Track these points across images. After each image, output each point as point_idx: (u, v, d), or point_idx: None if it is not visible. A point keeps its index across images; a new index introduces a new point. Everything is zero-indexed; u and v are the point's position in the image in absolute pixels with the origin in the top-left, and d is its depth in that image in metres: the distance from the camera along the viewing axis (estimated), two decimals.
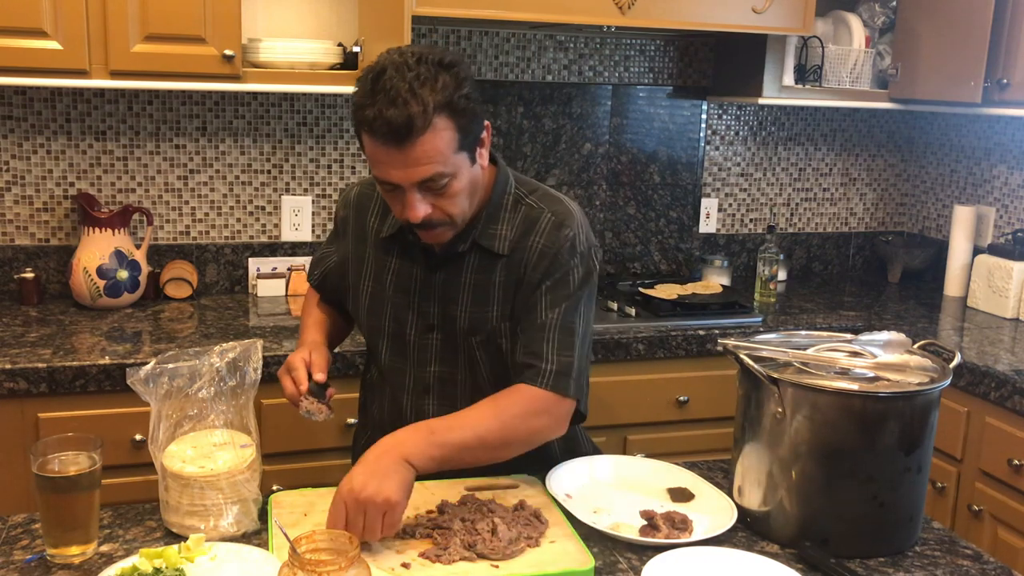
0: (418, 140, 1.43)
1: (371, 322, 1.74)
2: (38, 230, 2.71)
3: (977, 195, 3.28)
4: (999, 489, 2.33)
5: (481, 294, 1.65)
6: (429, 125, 1.43)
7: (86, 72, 2.35)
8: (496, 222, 1.64)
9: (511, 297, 1.64)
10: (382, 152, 1.46)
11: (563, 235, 1.62)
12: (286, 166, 2.89)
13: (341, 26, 2.81)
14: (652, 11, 2.57)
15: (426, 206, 1.51)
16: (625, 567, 1.41)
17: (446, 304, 1.67)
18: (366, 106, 1.45)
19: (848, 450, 1.45)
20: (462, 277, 1.66)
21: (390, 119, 1.42)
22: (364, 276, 1.74)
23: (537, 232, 1.63)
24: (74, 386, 2.16)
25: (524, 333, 1.61)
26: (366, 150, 1.50)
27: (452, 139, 1.47)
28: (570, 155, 3.14)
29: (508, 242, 1.64)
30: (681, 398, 2.66)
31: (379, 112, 1.42)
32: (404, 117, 1.41)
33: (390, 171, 1.48)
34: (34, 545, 1.40)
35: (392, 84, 1.43)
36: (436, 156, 1.46)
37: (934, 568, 1.44)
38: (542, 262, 1.61)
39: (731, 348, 1.56)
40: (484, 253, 1.65)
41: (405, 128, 1.42)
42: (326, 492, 1.56)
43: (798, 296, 3.16)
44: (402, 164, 1.46)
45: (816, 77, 3.01)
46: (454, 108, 1.45)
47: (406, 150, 1.44)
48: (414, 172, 1.47)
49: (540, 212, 1.65)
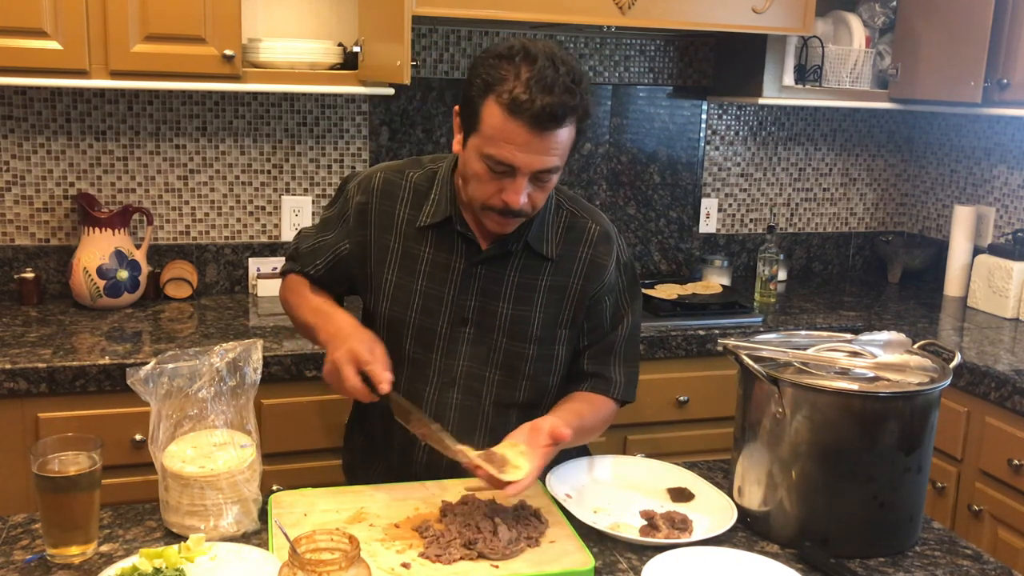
0: (558, 131, 1.49)
1: (394, 312, 1.71)
2: (38, 230, 2.71)
3: (977, 195, 3.28)
4: (999, 489, 2.33)
5: (525, 293, 1.68)
6: (572, 120, 1.50)
7: (86, 72, 2.35)
8: (543, 225, 1.69)
9: (557, 303, 1.70)
10: (519, 133, 1.47)
11: (612, 248, 1.73)
12: (286, 166, 2.89)
13: (341, 26, 2.81)
14: (652, 11, 2.57)
15: (526, 194, 1.54)
16: (625, 567, 1.41)
17: (486, 300, 1.68)
18: (513, 84, 1.46)
19: (848, 450, 1.45)
20: (506, 274, 1.68)
21: (546, 105, 1.45)
22: (389, 265, 1.71)
23: (585, 243, 1.71)
24: (74, 386, 2.16)
25: (592, 345, 1.74)
26: (490, 125, 1.49)
27: (572, 138, 1.54)
28: (570, 155, 3.13)
29: (555, 247, 1.69)
30: (681, 398, 2.66)
31: (533, 96, 1.45)
32: (559, 107, 1.46)
33: (516, 153, 1.49)
34: (34, 545, 1.40)
35: (548, 73, 1.46)
36: (562, 150, 1.52)
37: (934, 568, 1.44)
38: (596, 275, 1.70)
39: (731, 348, 1.56)
40: (531, 255, 1.68)
41: (558, 118, 1.47)
42: (326, 492, 1.56)
43: (798, 296, 3.16)
44: (534, 150, 1.49)
45: (816, 77, 3.01)
46: (586, 112, 1.53)
47: (545, 137, 1.48)
48: (540, 160, 1.50)
49: (585, 223, 1.73)
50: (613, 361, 1.74)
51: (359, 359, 1.51)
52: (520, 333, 1.69)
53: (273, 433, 2.27)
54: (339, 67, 2.62)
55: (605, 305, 1.72)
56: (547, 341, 1.70)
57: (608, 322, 1.73)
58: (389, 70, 2.37)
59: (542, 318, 1.69)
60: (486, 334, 1.69)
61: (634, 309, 1.77)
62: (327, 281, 1.81)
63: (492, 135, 1.49)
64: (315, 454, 2.37)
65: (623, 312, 1.75)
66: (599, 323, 1.73)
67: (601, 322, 1.73)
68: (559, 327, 1.71)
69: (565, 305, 1.70)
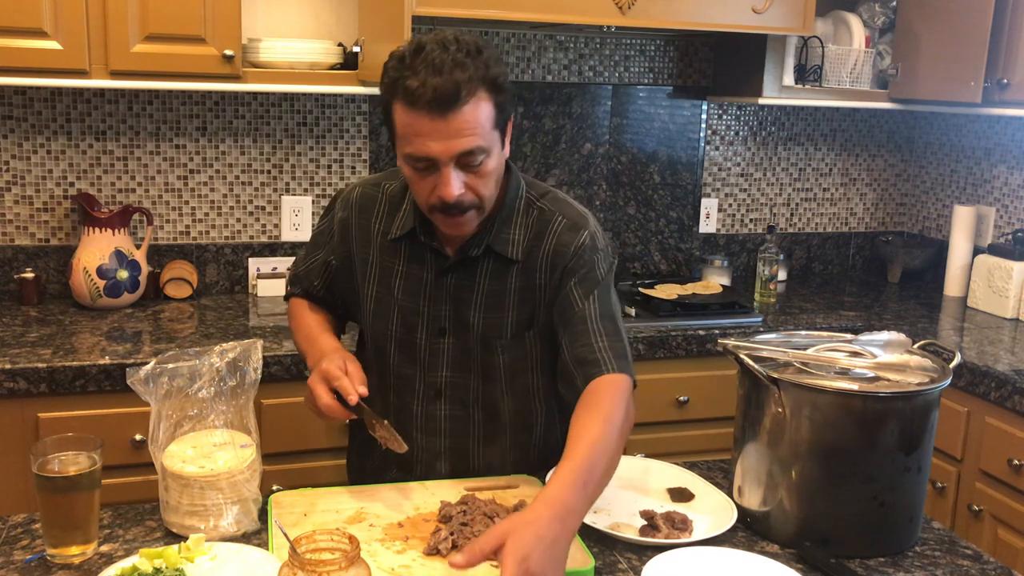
0: (462, 109, 1.42)
1: (377, 327, 1.70)
2: (38, 230, 2.71)
3: (977, 195, 3.28)
4: (999, 489, 2.33)
5: (495, 300, 1.64)
6: (474, 94, 1.43)
7: (86, 72, 2.35)
8: (509, 226, 1.63)
9: (529, 303, 1.63)
10: (423, 123, 1.43)
11: (579, 235, 1.62)
12: (286, 166, 2.89)
13: (341, 26, 2.81)
14: (652, 11, 2.57)
15: (460, 184, 1.48)
16: (625, 567, 1.41)
17: (459, 309, 1.65)
18: (406, 77, 1.43)
19: (848, 450, 1.45)
20: (475, 282, 1.64)
21: (436, 86, 1.40)
22: (369, 280, 1.70)
23: (550, 234, 1.62)
24: (74, 386, 2.16)
25: (568, 331, 1.59)
26: (400, 124, 1.47)
27: (491, 114, 1.47)
28: (570, 155, 3.14)
29: (521, 248, 1.63)
30: (681, 398, 2.66)
31: (423, 81, 1.40)
32: (451, 84, 1.41)
33: (428, 144, 1.44)
34: (34, 545, 1.40)
35: (435, 55, 1.42)
36: (477, 128, 1.45)
37: (934, 568, 1.44)
38: (559, 261, 1.61)
39: (731, 348, 1.56)
40: (498, 258, 1.63)
41: (452, 96, 1.41)
42: (326, 492, 1.57)
43: (798, 296, 3.16)
44: (443, 135, 1.43)
45: (816, 77, 3.01)
46: (495, 83, 1.46)
47: (449, 119, 1.42)
48: (455, 144, 1.44)
49: (552, 215, 1.64)
50: (592, 339, 1.57)
51: (329, 376, 1.50)
52: (492, 339, 1.65)
53: (273, 433, 2.27)
54: (339, 67, 2.62)
55: (571, 287, 1.60)
56: (519, 342, 1.66)
57: (577, 303, 1.60)
58: None
59: (515, 321, 1.64)
60: (464, 343, 1.66)
61: (606, 284, 1.63)
62: (329, 300, 1.79)
63: (404, 133, 1.47)
64: (315, 454, 2.37)
65: (591, 289, 1.60)
66: (568, 305, 1.61)
67: (571, 303, 1.60)
68: (532, 327, 1.65)
69: (537, 304, 1.64)
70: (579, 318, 1.59)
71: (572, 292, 1.60)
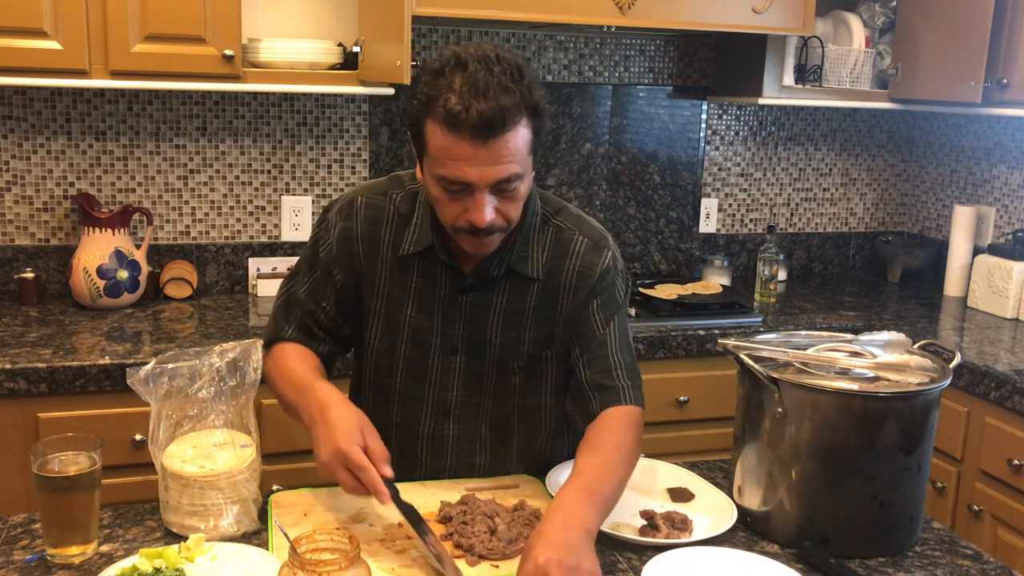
0: (504, 136, 1.37)
1: (383, 343, 1.65)
2: (38, 230, 2.71)
3: (977, 195, 3.28)
4: (999, 489, 2.33)
5: (514, 319, 1.61)
6: (518, 123, 1.38)
7: (86, 72, 2.35)
8: (528, 244, 1.59)
9: (548, 324, 1.62)
10: (463, 148, 1.37)
11: (602, 256, 1.62)
12: (286, 166, 2.89)
13: (341, 26, 2.81)
14: (652, 11, 2.57)
15: (492, 210, 1.43)
16: (625, 567, 1.41)
17: (474, 327, 1.61)
18: (445, 97, 1.36)
19: (848, 450, 1.45)
20: (493, 301, 1.60)
21: (482, 112, 1.34)
22: (377, 295, 1.63)
23: (572, 255, 1.61)
24: (74, 386, 2.16)
25: (587, 354, 1.59)
26: (434, 146, 1.40)
27: (528, 140, 1.42)
28: (570, 155, 3.14)
29: (541, 267, 1.60)
30: (681, 398, 2.66)
31: (467, 104, 1.34)
32: (497, 111, 1.34)
33: (465, 169, 1.38)
34: (34, 545, 1.40)
35: (479, 77, 1.35)
36: (516, 155, 1.40)
37: (934, 568, 1.44)
38: (584, 283, 1.60)
39: (731, 348, 1.56)
40: (516, 277, 1.59)
41: (499, 123, 1.35)
42: (326, 492, 1.57)
43: (798, 296, 3.16)
44: (482, 162, 1.38)
45: (816, 77, 3.01)
46: (536, 108, 1.41)
47: (491, 146, 1.37)
48: (493, 171, 1.39)
49: (572, 235, 1.62)
50: (612, 366, 1.58)
51: (351, 465, 1.37)
52: (509, 359, 1.62)
53: (273, 433, 2.27)
54: (339, 67, 2.62)
55: (593, 309, 1.60)
56: (535, 362, 1.64)
57: (599, 327, 1.60)
58: (389, 70, 2.37)
59: (531, 339, 1.61)
60: (477, 363, 1.63)
61: (624, 309, 1.65)
62: (335, 325, 1.66)
63: (438, 155, 1.40)
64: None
65: (612, 315, 1.61)
66: (588, 328, 1.60)
67: (591, 327, 1.60)
68: (551, 346, 1.63)
69: (556, 325, 1.62)
70: (599, 343, 1.60)
71: (594, 316, 1.60)
